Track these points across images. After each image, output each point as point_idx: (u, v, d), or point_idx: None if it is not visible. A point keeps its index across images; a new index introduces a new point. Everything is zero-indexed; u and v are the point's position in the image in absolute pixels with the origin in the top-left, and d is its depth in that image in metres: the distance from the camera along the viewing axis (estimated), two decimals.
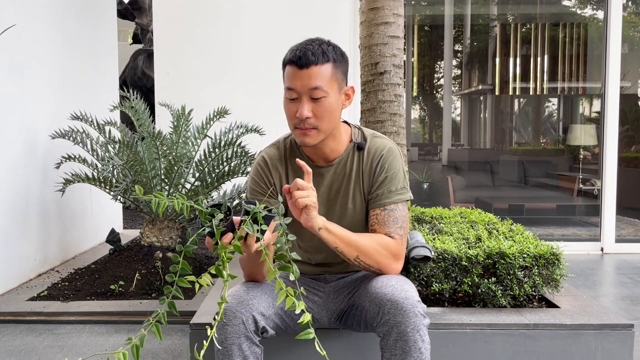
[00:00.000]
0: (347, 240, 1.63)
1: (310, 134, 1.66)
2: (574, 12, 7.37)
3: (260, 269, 1.66)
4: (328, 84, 1.63)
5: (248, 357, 1.56)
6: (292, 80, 1.63)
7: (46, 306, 3.18)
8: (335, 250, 1.63)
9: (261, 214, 1.39)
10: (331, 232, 1.60)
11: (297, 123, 1.66)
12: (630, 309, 3.30)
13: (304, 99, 1.63)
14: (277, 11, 4.83)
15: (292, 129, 1.70)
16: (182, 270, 1.32)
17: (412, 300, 1.53)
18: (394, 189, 1.73)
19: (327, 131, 1.68)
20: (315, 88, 1.62)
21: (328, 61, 1.63)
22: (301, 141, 1.68)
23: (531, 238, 2.37)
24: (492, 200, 6.15)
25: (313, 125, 1.65)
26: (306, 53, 1.61)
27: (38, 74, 3.96)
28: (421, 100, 8.52)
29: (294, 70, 1.63)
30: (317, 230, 1.58)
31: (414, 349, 1.51)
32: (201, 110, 3.99)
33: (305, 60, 1.61)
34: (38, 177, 3.91)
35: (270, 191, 1.77)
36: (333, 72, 1.65)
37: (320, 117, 1.64)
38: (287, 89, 1.66)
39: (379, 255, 1.66)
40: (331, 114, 1.66)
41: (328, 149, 1.74)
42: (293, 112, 1.66)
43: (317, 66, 1.62)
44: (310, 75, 1.61)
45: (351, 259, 1.65)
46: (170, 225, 3.80)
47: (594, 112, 7.36)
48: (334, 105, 1.66)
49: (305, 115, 1.62)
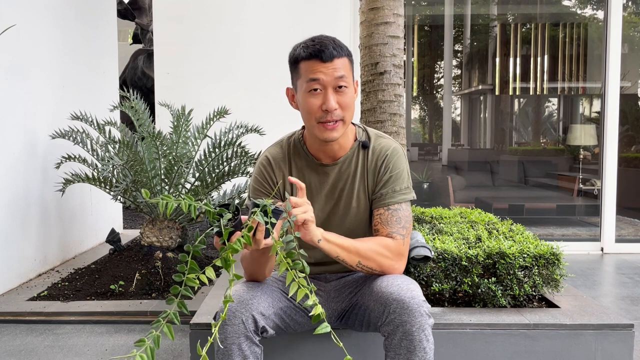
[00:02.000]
0: (347, 247, 1.62)
1: (337, 127, 1.66)
2: (574, 12, 7.37)
3: (262, 269, 1.66)
4: (349, 75, 1.67)
5: (248, 356, 1.56)
6: (316, 72, 1.63)
7: (46, 306, 3.18)
8: (336, 259, 1.63)
9: (271, 207, 1.39)
10: (331, 242, 1.60)
11: (322, 117, 1.64)
12: (630, 309, 3.30)
13: (329, 91, 1.63)
14: (277, 11, 4.83)
15: (314, 124, 1.67)
16: (191, 270, 1.32)
17: (418, 299, 1.53)
18: (398, 189, 1.73)
19: (348, 123, 1.70)
20: (341, 77, 1.63)
21: (346, 55, 1.67)
22: (327, 136, 1.66)
23: (531, 238, 2.37)
24: (492, 200, 6.15)
25: (340, 116, 1.65)
26: (327, 46, 1.63)
27: (38, 74, 3.96)
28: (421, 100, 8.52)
29: (317, 64, 1.63)
30: (317, 242, 1.57)
31: (419, 349, 1.51)
32: (201, 110, 3.99)
33: (329, 54, 1.62)
34: (38, 177, 3.91)
35: (275, 190, 1.77)
36: (350, 65, 1.68)
37: (346, 107, 1.66)
38: (311, 81, 1.64)
39: (381, 257, 1.66)
40: (352, 105, 1.69)
41: (337, 146, 1.75)
42: (317, 105, 1.64)
43: (340, 58, 1.64)
44: (336, 66, 1.63)
45: (353, 265, 1.65)
46: (170, 225, 3.80)
47: (594, 112, 7.36)
48: (353, 97, 1.69)
49: (334, 107, 1.63)
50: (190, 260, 1.32)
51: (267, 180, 1.79)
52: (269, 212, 1.39)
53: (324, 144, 1.72)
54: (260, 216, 1.37)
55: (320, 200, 1.78)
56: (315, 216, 1.77)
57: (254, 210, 1.38)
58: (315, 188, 1.78)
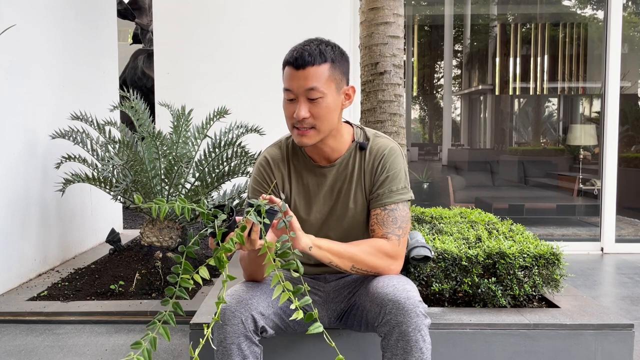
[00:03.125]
0: (339, 252, 1.62)
1: (308, 134, 1.66)
2: (574, 12, 7.37)
3: (260, 269, 1.66)
4: (325, 84, 1.63)
5: (247, 356, 1.56)
6: (289, 81, 1.64)
7: (46, 306, 3.18)
8: (329, 264, 1.63)
9: (265, 207, 1.39)
10: (322, 249, 1.59)
11: (295, 123, 1.66)
12: (630, 309, 3.30)
13: (301, 100, 1.63)
14: (277, 11, 4.83)
15: (290, 129, 1.70)
16: (185, 271, 1.32)
17: (413, 300, 1.53)
18: (395, 189, 1.73)
19: (325, 131, 1.68)
20: (311, 89, 1.61)
21: (325, 61, 1.63)
22: (299, 141, 1.68)
23: (531, 238, 2.37)
24: (492, 200, 6.15)
25: (311, 124, 1.65)
26: (303, 54, 1.61)
27: (38, 74, 3.96)
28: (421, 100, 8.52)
29: (291, 71, 1.63)
30: (308, 250, 1.56)
31: (416, 349, 1.51)
32: (201, 110, 3.99)
33: (301, 61, 1.61)
34: (38, 177, 3.91)
35: (272, 187, 1.77)
36: (330, 72, 1.64)
37: (318, 117, 1.64)
38: (285, 90, 1.66)
39: (375, 259, 1.65)
40: (329, 114, 1.65)
41: (329, 149, 1.74)
42: (291, 112, 1.66)
43: (314, 67, 1.61)
44: (307, 76, 1.61)
45: (347, 269, 1.65)
46: (170, 225, 3.80)
47: (594, 112, 7.36)
48: (332, 106, 1.66)
49: (302, 116, 1.62)
50: (184, 262, 1.32)
51: (266, 180, 1.79)
52: (263, 212, 1.39)
53: (316, 147, 1.73)
54: (254, 216, 1.37)
55: (318, 202, 1.78)
56: (313, 217, 1.77)
57: (248, 210, 1.38)
58: (313, 189, 1.78)
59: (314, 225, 1.78)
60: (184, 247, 1.34)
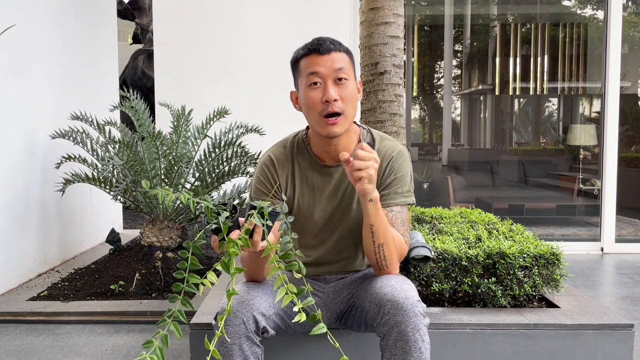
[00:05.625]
0: (385, 224, 1.62)
1: (338, 122, 1.65)
2: (574, 12, 7.37)
3: (261, 270, 1.66)
4: (348, 69, 1.68)
5: (248, 357, 1.56)
6: (316, 66, 1.65)
7: (46, 306, 3.18)
8: (369, 228, 1.62)
9: (267, 209, 1.39)
10: (378, 210, 1.60)
11: (324, 109, 1.64)
12: (630, 309, 3.30)
13: (328, 83, 1.65)
14: (277, 11, 4.83)
15: (317, 120, 1.67)
16: (192, 266, 1.32)
17: (412, 300, 1.53)
18: (400, 191, 1.73)
19: (350, 119, 1.69)
20: (340, 69, 1.65)
21: (344, 51, 1.69)
22: (329, 131, 1.66)
23: (531, 238, 2.37)
24: (492, 200, 6.15)
25: (341, 109, 1.65)
26: (325, 41, 1.67)
27: (38, 74, 3.96)
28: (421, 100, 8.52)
29: (316, 57, 1.65)
30: (368, 200, 1.57)
31: (414, 349, 1.51)
32: (201, 110, 3.99)
33: (326, 47, 1.65)
34: (38, 177, 3.91)
35: (275, 188, 1.77)
36: (349, 60, 1.69)
37: (346, 100, 1.65)
38: (310, 74, 1.66)
39: (395, 251, 1.66)
40: (354, 100, 1.69)
41: (341, 146, 1.74)
42: (318, 99, 1.65)
43: (338, 52, 1.66)
44: (334, 58, 1.65)
45: (375, 243, 1.63)
46: (170, 225, 3.80)
47: (594, 112, 7.36)
48: (354, 92, 1.69)
49: (334, 97, 1.63)
50: (190, 257, 1.32)
51: (269, 180, 1.79)
52: (266, 214, 1.39)
53: (328, 145, 1.72)
54: (257, 218, 1.38)
55: (323, 201, 1.78)
56: (317, 216, 1.78)
57: (251, 213, 1.38)
58: (318, 188, 1.78)
59: (317, 224, 1.78)
60: (190, 242, 1.34)
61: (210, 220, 1.38)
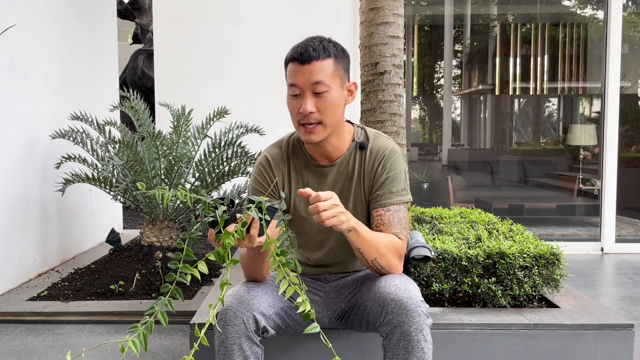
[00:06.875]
0: (370, 241, 1.61)
1: (316, 130, 1.66)
2: (574, 12, 7.37)
3: (261, 269, 1.66)
4: (330, 78, 1.64)
5: (249, 357, 1.56)
6: (295, 76, 1.64)
7: (46, 306, 3.18)
8: (357, 251, 1.62)
9: (265, 204, 1.39)
10: (359, 234, 1.59)
11: (301, 119, 1.66)
12: (630, 309, 3.30)
13: (306, 94, 1.64)
14: (277, 11, 4.83)
15: (297, 127, 1.70)
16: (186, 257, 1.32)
17: (415, 300, 1.53)
18: (395, 190, 1.73)
19: (331, 126, 1.68)
20: (317, 82, 1.62)
21: (329, 56, 1.65)
22: (307, 139, 1.68)
23: (531, 238, 2.37)
24: (492, 200, 6.15)
25: (317, 120, 1.65)
26: (307, 49, 1.63)
27: (38, 74, 3.96)
28: (421, 100, 8.52)
29: (296, 67, 1.64)
30: (347, 232, 1.56)
31: (417, 349, 1.51)
32: (201, 110, 3.99)
33: (306, 56, 1.62)
34: (38, 177, 3.91)
35: (272, 187, 1.77)
36: (334, 67, 1.66)
37: (324, 111, 1.64)
38: (290, 86, 1.66)
39: (391, 256, 1.65)
40: (334, 109, 1.67)
41: (331, 147, 1.74)
42: (296, 108, 1.66)
43: (319, 61, 1.63)
44: (312, 70, 1.62)
45: (369, 260, 1.63)
46: (170, 225, 3.80)
47: (594, 112, 7.36)
48: (337, 100, 1.67)
49: (309, 110, 1.63)
50: (186, 248, 1.32)
51: (266, 180, 1.79)
52: (264, 208, 1.39)
53: (317, 146, 1.73)
54: (255, 212, 1.38)
55: None
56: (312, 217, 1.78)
57: (249, 206, 1.38)
58: (314, 188, 1.77)
59: (313, 224, 1.78)
60: (186, 234, 1.34)
61: (207, 214, 1.38)
